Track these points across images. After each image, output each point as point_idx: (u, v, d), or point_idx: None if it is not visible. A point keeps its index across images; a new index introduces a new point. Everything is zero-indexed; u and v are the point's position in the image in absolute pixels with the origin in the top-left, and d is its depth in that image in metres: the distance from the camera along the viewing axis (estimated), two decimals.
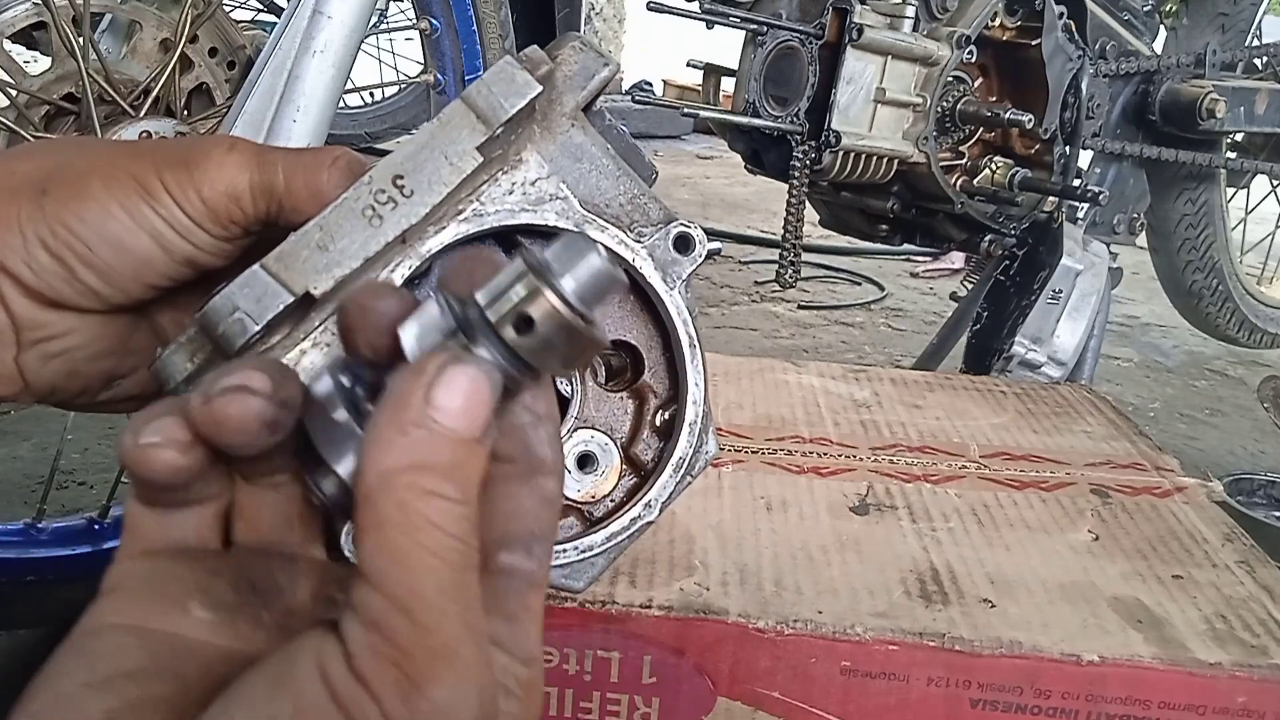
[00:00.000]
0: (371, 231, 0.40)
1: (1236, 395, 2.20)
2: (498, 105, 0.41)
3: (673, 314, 0.47)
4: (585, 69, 0.45)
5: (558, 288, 0.31)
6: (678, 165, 4.32)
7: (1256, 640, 0.65)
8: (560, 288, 0.31)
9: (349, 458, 0.32)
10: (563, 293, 0.31)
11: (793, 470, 0.86)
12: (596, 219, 0.45)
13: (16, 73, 0.96)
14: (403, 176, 0.40)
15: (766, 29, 1.21)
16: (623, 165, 0.45)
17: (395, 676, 0.27)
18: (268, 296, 0.38)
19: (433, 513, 0.28)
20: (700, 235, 0.46)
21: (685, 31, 1.34)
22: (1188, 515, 0.83)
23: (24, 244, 0.40)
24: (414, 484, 0.28)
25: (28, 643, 1.13)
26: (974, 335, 1.48)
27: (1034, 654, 0.63)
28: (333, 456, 0.32)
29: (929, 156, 1.31)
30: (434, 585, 0.28)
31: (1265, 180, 2.02)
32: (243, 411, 0.32)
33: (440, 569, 0.28)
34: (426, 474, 0.28)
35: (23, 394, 0.43)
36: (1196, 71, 1.59)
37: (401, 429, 0.28)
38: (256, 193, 0.41)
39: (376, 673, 0.27)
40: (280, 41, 0.90)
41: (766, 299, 2.58)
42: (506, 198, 0.43)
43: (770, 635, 0.64)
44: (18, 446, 1.49)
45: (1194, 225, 1.95)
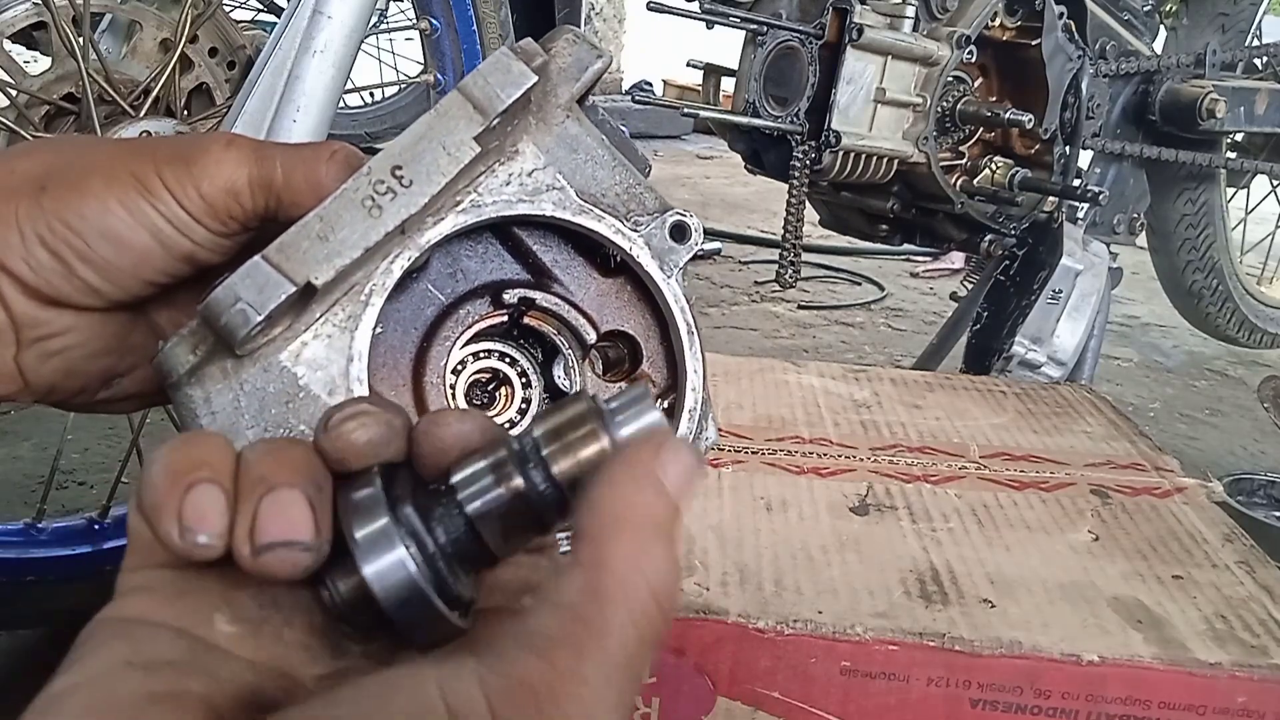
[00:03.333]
0: (371, 222, 0.40)
1: (1236, 395, 2.20)
2: (494, 95, 0.41)
3: (670, 302, 0.47)
4: (579, 61, 0.45)
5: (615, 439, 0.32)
6: (678, 165, 4.31)
7: (1256, 640, 0.65)
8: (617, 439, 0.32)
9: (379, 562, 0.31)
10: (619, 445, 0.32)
11: (793, 470, 0.86)
12: (593, 209, 0.45)
13: (16, 73, 0.96)
14: (401, 167, 0.40)
15: (766, 29, 1.21)
16: (618, 156, 0.45)
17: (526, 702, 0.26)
18: (269, 287, 0.38)
19: (651, 571, 0.29)
20: (696, 223, 0.47)
21: (685, 31, 1.34)
22: (1188, 515, 0.83)
23: (23, 242, 0.40)
24: (641, 536, 0.29)
25: (28, 643, 1.13)
26: (974, 335, 1.48)
27: (1034, 654, 0.63)
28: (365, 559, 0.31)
29: (929, 156, 1.31)
30: (620, 643, 0.28)
31: (1265, 180, 2.02)
32: (292, 569, 0.31)
33: (632, 632, 0.28)
34: (653, 530, 0.29)
35: (22, 393, 0.43)
36: (1196, 71, 1.59)
37: (638, 483, 0.30)
38: (255, 188, 0.41)
39: (508, 692, 0.27)
40: (280, 41, 0.90)
41: (766, 299, 2.58)
42: (504, 189, 0.43)
43: (770, 635, 0.63)
44: (18, 446, 1.49)
45: (1194, 225, 1.95)
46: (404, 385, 0.46)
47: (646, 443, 0.31)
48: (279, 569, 0.31)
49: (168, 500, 0.31)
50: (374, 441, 0.33)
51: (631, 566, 0.29)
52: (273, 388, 0.41)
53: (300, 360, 0.41)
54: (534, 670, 0.27)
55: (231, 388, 0.40)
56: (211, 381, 0.40)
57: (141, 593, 0.32)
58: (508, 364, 0.48)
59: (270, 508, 0.31)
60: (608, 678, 0.27)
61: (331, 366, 0.41)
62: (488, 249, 0.48)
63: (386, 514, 0.32)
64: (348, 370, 0.42)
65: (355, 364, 0.42)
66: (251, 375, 0.40)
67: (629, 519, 0.29)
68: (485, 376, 0.49)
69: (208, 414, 0.40)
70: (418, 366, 0.46)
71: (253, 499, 0.31)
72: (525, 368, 0.49)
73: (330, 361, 0.41)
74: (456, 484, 0.33)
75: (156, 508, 0.31)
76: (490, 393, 0.49)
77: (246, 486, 0.32)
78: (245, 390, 0.40)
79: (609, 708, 0.27)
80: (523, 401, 0.48)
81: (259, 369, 0.41)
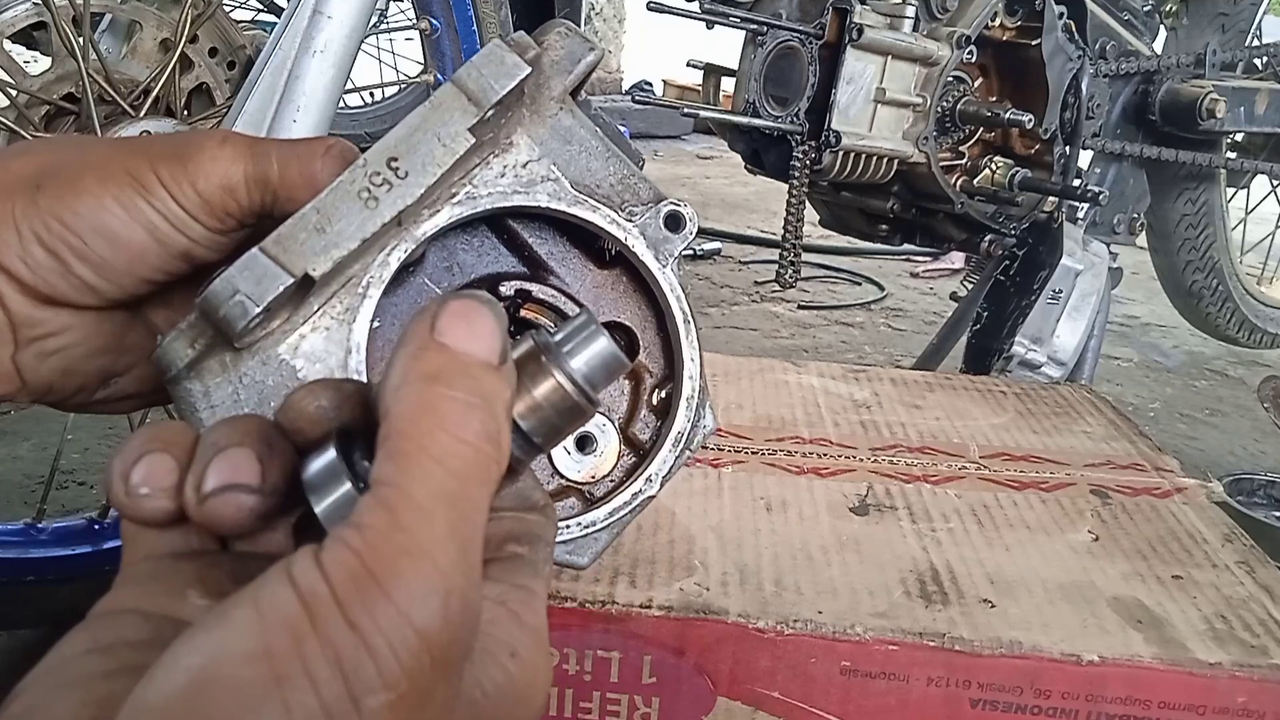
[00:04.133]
0: (368, 213, 0.40)
1: (1236, 395, 2.20)
2: (488, 87, 0.41)
3: (666, 291, 0.47)
4: (572, 53, 0.45)
5: (568, 370, 0.32)
6: (678, 165, 4.31)
7: (1256, 640, 0.65)
8: (570, 370, 0.32)
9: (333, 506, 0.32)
10: (573, 376, 0.32)
11: (793, 471, 0.86)
12: (588, 199, 0.45)
13: (16, 73, 0.96)
14: (397, 159, 0.40)
15: (766, 29, 1.21)
16: (611, 147, 0.46)
17: (355, 567, 0.27)
18: (267, 279, 0.38)
19: (446, 417, 0.29)
20: (690, 213, 0.47)
21: (685, 31, 1.34)
22: (1188, 515, 0.83)
23: (19, 240, 0.40)
24: (425, 393, 0.29)
25: (28, 643, 1.13)
26: (974, 335, 1.48)
27: (1034, 654, 0.63)
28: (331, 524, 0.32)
29: (929, 156, 1.31)
30: (427, 489, 0.28)
31: (1265, 180, 2.02)
32: (236, 511, 0.32)
33: (437, 473, 0.28)
34: (437, 383, 0.30)
35: (20, 393, 0.43)
36: (1196, 71, 1.59)
37: (414, 355, 0.30)
38: (251, 184, 0.41)
39: (338, 562, 0.27)
40: (280, 41, 0.90)
41: (766, 299, 2.58)
42: (499, 180, 0.43)
43: (770, 635, 0.63)
44: (18, 446, 1.49)
45: (1194, 225, 1.95)
46: None
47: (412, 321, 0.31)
48: (224, 511, 0.32)
49: (120, 470, 0.33)
50: (324, 407, 0.34)
51: (417, 424, 0.29)
52: (271, 380, 0.41)
53: (298, 353, 0.41)
54: (352, 537, 0.27)
55: (230, 381, 0.40)
56: (210, 375, 0.40)
57: (120, 586, 0.33)
58: None
59: (215, 461, 0.32)
60: (428, 525, 0.28)
61: (330, 359, 0.41)
62: (483, 242, 0.48)
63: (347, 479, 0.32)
64: (346, 363, 0.42)
65: (353, 356, 0.42)
66: (250, 368, 0.41)
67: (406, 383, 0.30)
68: None
69: (207, 407, 0.40)
70: None
71: (203, 460, 0.33)
72: None
73: (328, 354, 0.41)
74: None
75: (111, 479, 0.33)
76: None
77: (199, 454, 0.33)
78: (244, 383, 0.40)
79: (438, 551, 0.28)
80: None
81: (258, 362, 0.41)
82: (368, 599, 0.27)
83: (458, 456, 0.29)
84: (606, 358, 0.33)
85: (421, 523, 0.28)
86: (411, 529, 0.27)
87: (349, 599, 0.27)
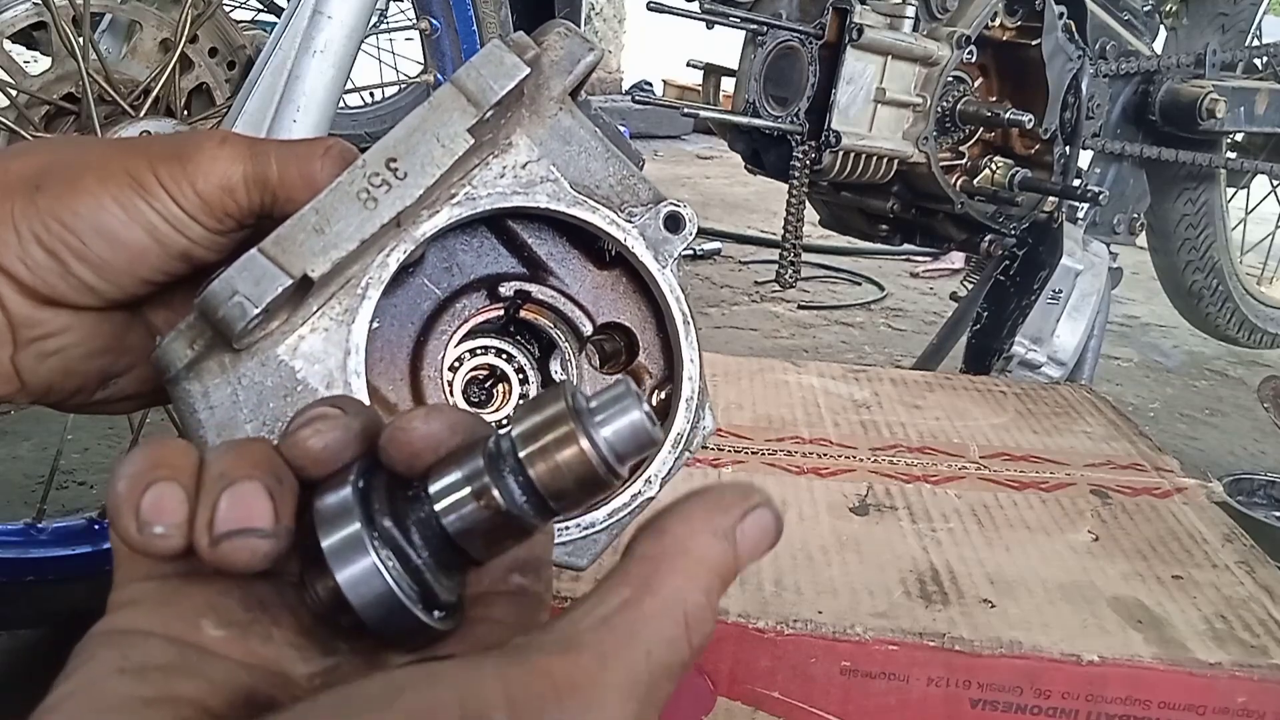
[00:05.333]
0: (367, 214, 0.40)
1: (1236, 395, 2.20)
2: (487, 87, 0.41)
3: (665, 292, 0.47)
4: (571, 54, 0.45)
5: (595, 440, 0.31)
6: (678, 165, 4.31)
7: (1256, 640, 0.65)
8: (598, 440, 0.31)
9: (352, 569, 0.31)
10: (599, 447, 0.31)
11: (793, 471, 0.86)
12: (587, 200, 0.45)
13: (16, 73, 0.96)
14: (396, 159, 0.40)
15: (766, 29, 1.21)
16: (611, 148, 0.45)
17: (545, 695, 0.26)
18: (266, 279, 0.38)
19: (693, 610, 0.29)
20: (690, 214, 0.47)
21: (685, 31, 1.34)
22: (1188, 516, 0.83)
23: (19, 241, 0.40)
24: (696, 578, 0.30)
25: (28, 643, 1.13)
26: (974, 335, 1.48)
27: (1034, 654, 0.63)
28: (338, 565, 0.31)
29: (929, 156, 1.31)
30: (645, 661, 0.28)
31: (1265, 180, 2.02)
32: (250, 556, 0.31)
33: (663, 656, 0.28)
34: (708, 576, 0.30)
35: (19, 393, 0.43)
36: (1196, 71, 1.59)
37: (715, 531, 0.30)
38: (250, 184, 0.41)
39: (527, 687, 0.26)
40: (280, 41, 0.90)
41: (766, 299, 2.58)
42: (498, 181, 0.43)
43: (770, 635, 0.63)
44: (18, 446, 1.49)
45: (1194, 225, 1.95)
46: (401, 380, 0.46)
47: (737, 494, 0.31)
48: (237, 557, 0.31)
49: (127, 501, 0.31)
50: (330, 448, 0.33)
51: (676, 597, 0.29)
52: (270, 382, 0.41)
53: (297, 354, 0.41)
54: (557, 666, 0.27)
55: (229, 382, 0.40)
56: (209, 376, 0.40)
57: (128, 606, 0.33)
58: (504, 360, 0.48)
59: (228, 499, 0.31)
60: (630, 689, 0.28)
61: (329, 360, 0.41)
62: (483, 243, 0.48)
63: (358, 520, 0.31)
64: (345, 364, 0.42)
65: (353, 357, 0.42)
66: (249, 369, 0.40)
67: (690, 555, 0.30)
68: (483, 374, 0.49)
69: (206, 409, 0.40)
70: (415, 361, 0.46)
71: (212, 494, 0.32)
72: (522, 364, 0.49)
73: (327, 355, 0.41)
74: (433, 495, 0.32)
75: (117, 510, 0.31)
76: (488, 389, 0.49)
77: (207, 484, 0.32)
78: (243, 384, 0.40)
79: (625, 713, 0.27)
80: (520, 398, 0.49)
81: (256, 363, 0.41)
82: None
83: (679, 653, 0.29)
84: (639, 431, 0.31)
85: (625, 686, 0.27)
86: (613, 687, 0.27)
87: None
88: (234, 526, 0.31)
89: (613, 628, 0.28)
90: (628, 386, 0.32)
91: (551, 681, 0.27)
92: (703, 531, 0.30)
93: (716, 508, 0.31)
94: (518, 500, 0.31)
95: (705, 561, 0.30)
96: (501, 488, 0.31)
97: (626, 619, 0.28)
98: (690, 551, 0.30)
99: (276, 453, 0.34)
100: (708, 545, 0.30)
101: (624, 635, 0.28)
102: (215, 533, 0.31)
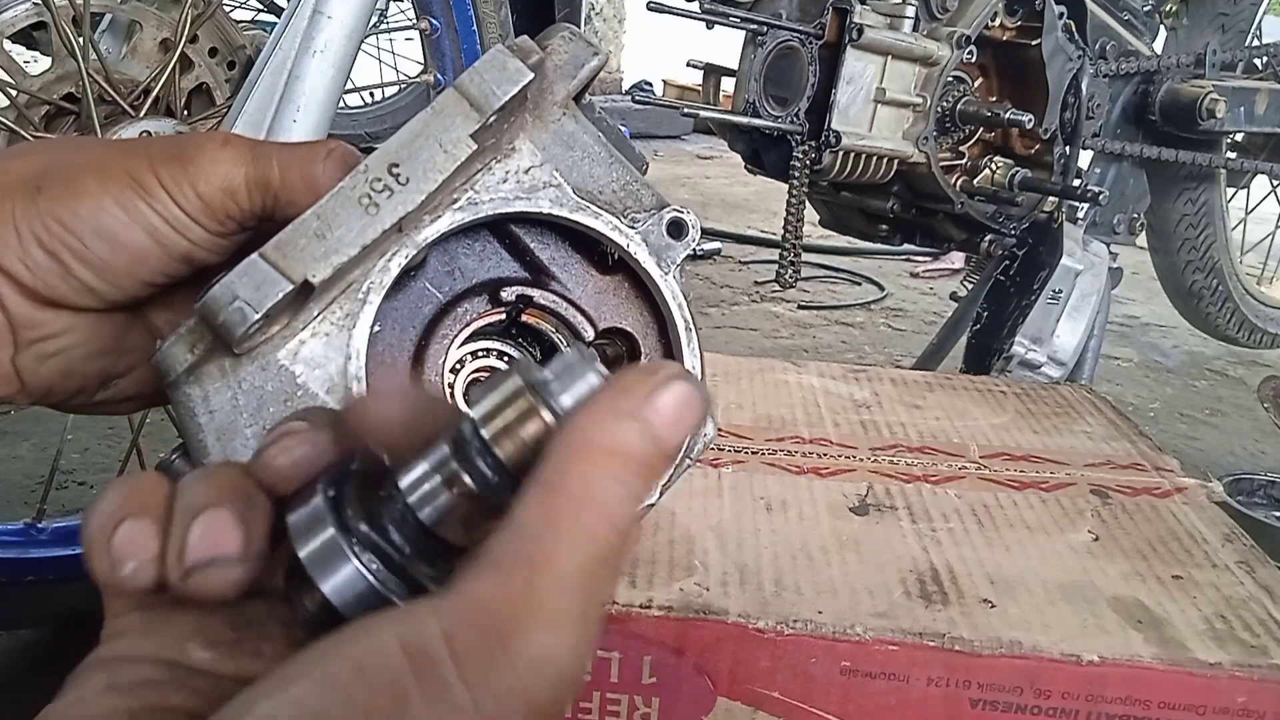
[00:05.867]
0: (368, 219, 0.40)
1: (1236, 395, 2.20)
2: (490, 93, 0.41)
3: (668, 298, 0.47)
4: (575, 58, 0.45)
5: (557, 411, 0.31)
6: (678, 165, 4.31)
7: (1256, 640, 0.65)
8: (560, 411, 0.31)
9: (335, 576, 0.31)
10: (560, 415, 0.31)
11: (793, 470, 0.86)
12: (590, 205, 0.45)
13: (16, 73, 0.96)
14: (398, 164, 0.40)
15: (766, 29, 1.21)
16: (614, 153, 0.45)
17: (480, 623, 0.26)
18: (267, 285, 0.38)
19: (609, 496, 0.28)
20: (693, 220, 0.46)
21: (685, 31, 1.34)
22: (1188, 515, 0.83)
23: (19, 242, 0.40)
24: (606, 463, 0.29)
25: (28, 643, 1.13)
26: (974, 335, 1.48)
27: (1034, 654, 0.63)
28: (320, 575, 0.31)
29: (929, 156, 1.31)
30: (572, 562, 0.28)
31: (1265, 180, 2.02)
32: (221, 584, 0.32)
33: (587, 551, 0.28)
34: (620, 462, 0.29)
35: (19, 394, 0.43)
36: (1196, 71, 1.59)
37: (618, 414, 0.29)
38: (252, 187, 0.41)
39: (461, 617, 0.26)
40: (280, 41, 0.90)
41: (766, 299, 2.58)
42: (501, 186, 0.43)
43: (770, 635, 0.63)
44: (18, 446, 1.49)
45: (1194, 225, 1.95)
46: None
47: (642, 373, 0.30)
48: (210, 587, 0.31)
49: (99, 540, 0.32)
50: (299, 464, 0.33)
51: (586, 490, 0.28)
52: (271, 386, 0.41)
53: (298, 358, 0.41)
54: (488, 594, 0.27)
55: (229, 386, 0.40)
56: (210, 380, 0.40)
57: (117, 637, 0.33)
58: (506, 363, 0.48)
59: (197, 530, 0.31)
60: (564, 597, 0.27)
61: (330, 365, 0.41)
62: (485, 247, 0.48)
63: (332, 527, 0.31)
64: (346, 368, 0.42)
65: (353, 362, 0.42)
66: (249, 374, 0.40)
67: (595, 444, 0.29)
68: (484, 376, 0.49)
69: (205, 413, 0.40)
70: (416, 365, 0.46)
71: (182, 525, 0.32)
72: None
73: (328, 360, 0.41)
74: (405, 490, 0.32)
75: (90, 550, 0.32)
76: None
77: (177, 515, 0.32)
78: (243, 389, 0.40)
79: (568, 626, 0.27)
80: None
81: (257, 367, 0.41)
82: (492, 661, 0.26)
83: (606, 541, 0.28)
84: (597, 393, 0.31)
85: (559, 595, 0.27)
86: (548, 598, 0.27)
87: (469, 655, 0.26)
88: (203, 557, 0.31)
89: (533, 536, 0.28)
90: (580, 352, 0.32)
91: (484, 606, 0.27)
92: (606, 418, 0.29)
93: (621, 390, 0.30)
94: (490, 481, 0.31)
95: (611, 447, 0.29)
96: (472, 471, 0.31)
97: (543, 523, 0.28)
98: (594, 440, 0.29)
99: (244, 474, 0.34)
100: (613, 430, 0.29)
101: (545, 541, 0.28)
102: (186, 565, 0.31)
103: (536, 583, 0.27)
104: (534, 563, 0.27)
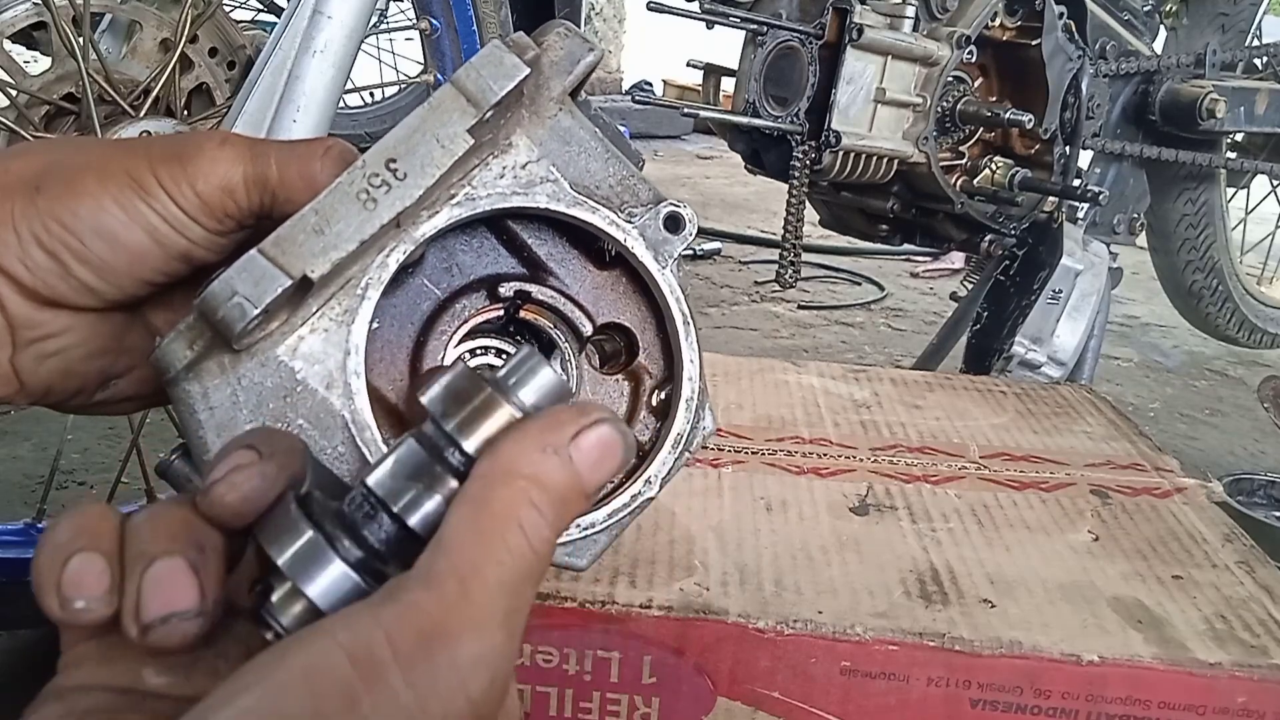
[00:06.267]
0: (366, 215, 0.40)
1: (1236, 395, 2.20)
2: (487, 88, 0.41)
3: (665, 292, 0.47)
4: (571, 54, 0.45)
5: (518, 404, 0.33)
6: (678, 165, 4.31)
7: (1256, 640, 0.65)
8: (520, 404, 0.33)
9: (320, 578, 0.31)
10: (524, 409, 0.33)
11: (793, 471, 0.86)
12: (587, 200, 0.45)
13: (16, 73, 0.96)
14: (395, 160, 0.40)
15: (766, 29, 1.21)
16: (611, 148, 0.45)
17: (422, 628, 0.28)
18: (265, 280, 0.38)
19: (528, 522, 0.31)
20: (690, 214, 0.47)
21: (685, 31, 1.34)
22: (1188, 516, 0.83)
23: (19, 242, 0.40)
24: (527, 491, 0.31)
25: (28, 642, 1.13)
26: (974, 335, 1.48)
27: (1034, 654, 0.63)
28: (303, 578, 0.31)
29: (929, 156, 1.31)
30: (496, 574, 0.30)
31: (1265, 180, 2.02)
32: (181, 639, 0.32)
33: (509, 565, 0.30)
34: (541, 491, 0.31)
35: (19, 394, 0.43)
36: (1196, 71, 1.59)
37: (543, 447, 0.32)
38: (250, 185, 0.41)
39: (407, 621, 0.28)
40: (280, 41, 0.90)
41: (766, 299, 2.58)
42: (498, 181, 0.43)
43: (770, 635, 0.63)
44: (18, 446, 1.49)
45: (1194, 225, 1.95)
46: (401, 380, 0.46)
47: (572, 413, 0.33)
48: (169, 641, 0.32)
49: (48, 576, 0.32)
50: (249, 498, 0.33)
51: (509, 512, 0.31)
52: (270, 382, 0.41)
53: (297, 354, 0.41)
54: (425, 600, 0.29)
55: (229, 382, 0.40)
56: (209, 376, 0.40)
57: (73, 666, 0.33)
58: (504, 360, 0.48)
59: (149, 583, 0.32)
60: (492, 603, 0.30)
61: (328, 360, 0.41)
62: (482, 243, 0.48)
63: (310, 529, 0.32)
64: (345, 364, 0.42)
65: (352, 358, 0.42)
66: (249, 370, 0.40)
67: (517, 471, 0.31)
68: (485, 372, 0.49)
69: (205, 409, 0.40)
70: (415, 361, 0.46)
71: (135, 574, 0.32)
72: None
73: (327, 355, 0.41)
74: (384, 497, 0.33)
75: (39, 585, 0.32)
76: None
77: (129, 560, 0.32)
78: (243, 385, 0.40)
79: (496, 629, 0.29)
80: None
81: (256, 363, 0.41)
82: (434, 661, 0.28)
83: (525, 558, 0.31)
84: (552, 386, 0.34)
85: (488, 603, 0.29)
86: (479, 605, 0.29)
87: (413, 658, 0.27)
88: (160, 613, 0.31)
89: (461, 550, 0.30)
90: (531, 351, 0.35)
91: (423, 613, 0.28)
92: (532, 449, 0.32)
93: (549, 425, 0.32)
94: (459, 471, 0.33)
95: (534, 478, 0.31)
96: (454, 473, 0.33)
97: (471, 540, 0.30)
98: (518, 469, 0.31)
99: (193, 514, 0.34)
100: (537, 461, 0.32)
101: (473, 555, 0.30)
102: (142, 622, 0.31)
103: (468, 590, 0.29)
104: (463, 574, 0.29)
